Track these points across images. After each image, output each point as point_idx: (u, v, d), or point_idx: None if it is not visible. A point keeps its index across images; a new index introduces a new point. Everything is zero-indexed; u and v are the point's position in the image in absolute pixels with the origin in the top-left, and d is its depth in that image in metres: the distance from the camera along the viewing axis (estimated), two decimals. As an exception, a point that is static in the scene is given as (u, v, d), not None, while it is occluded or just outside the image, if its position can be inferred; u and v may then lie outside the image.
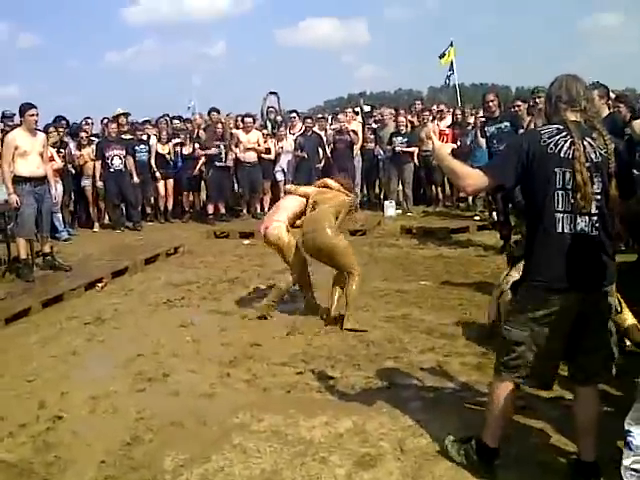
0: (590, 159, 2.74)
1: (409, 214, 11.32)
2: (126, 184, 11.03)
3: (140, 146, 11.44)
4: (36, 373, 4.59)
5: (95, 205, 11.46)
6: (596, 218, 2.75)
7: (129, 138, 11.48)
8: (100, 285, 7.10)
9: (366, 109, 14.54)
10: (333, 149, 11.95)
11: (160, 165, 11.65)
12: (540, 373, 2.90)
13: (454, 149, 3.14)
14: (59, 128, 10.62)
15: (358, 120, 13.23)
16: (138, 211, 11.46)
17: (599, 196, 2.75)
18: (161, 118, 12.52)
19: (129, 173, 11.08)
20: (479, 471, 3.03)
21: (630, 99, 8.18)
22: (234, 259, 8.46)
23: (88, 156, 11.10)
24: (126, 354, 4.94)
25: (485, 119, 8.67)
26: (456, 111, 12.45)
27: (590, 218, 2.75)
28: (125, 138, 11.40)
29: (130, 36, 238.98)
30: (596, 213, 2.75)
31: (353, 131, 12.07)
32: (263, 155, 11.79)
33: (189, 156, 11.71)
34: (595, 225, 2.76)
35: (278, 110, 13.97)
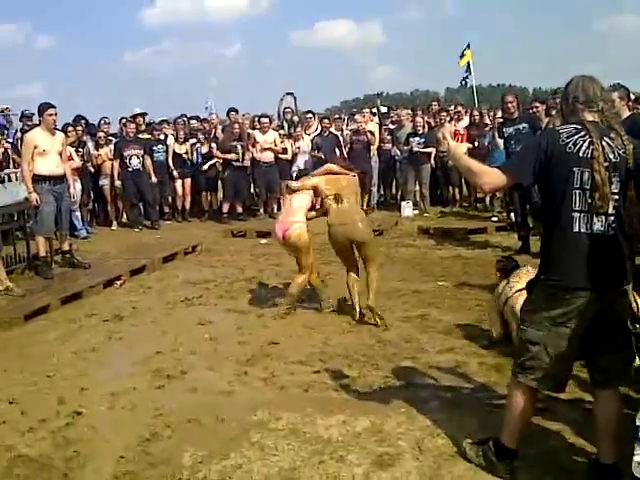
0: (608, 159, 2.74)
1: (426, 215, 11.26)
2: (144, 183, 11.06)
3: (158, 146, 11.46)
4: (56, 369, 4.64)
5: (113, 204, 11.51)
6: (613, 218, 2.74)
7: (147, 138, 11.53)
8: (119, 283, 7.15)
9: (383, 110, 14.51)
10: (350, 149, 11.90)
11: (177, 165, 11.70)
12: (554, 374, 2.87)
13: (471, 149, 3.13)
14: (77, 127, 10.72)
15: (375, 121, 13.20)
16: (156, 210, 11.49)
17: (617, 196, 2.75)
18: (179, 118, 12.59)
19: (147, 173, 11.11)
20: (497, 472, 3.01)
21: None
22: (251, 258, 8.48)
23: (106, 155, 11.16)
24: (144, 351, 4.97)
25: (503, 120, 8.61)
26: (474, 112, 12.39)
27: (607, 218, 2.74)
28: (143, 138, 11.45)
29: (148, 37, 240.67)
30: (613, 213, 2.74)
31: (370, 132, 12.04)
32: (280, 155, 11.80)
33: (206, 155, 11.75)
34: (612, 225, 2.74)
35: (295, 111, 13.99)
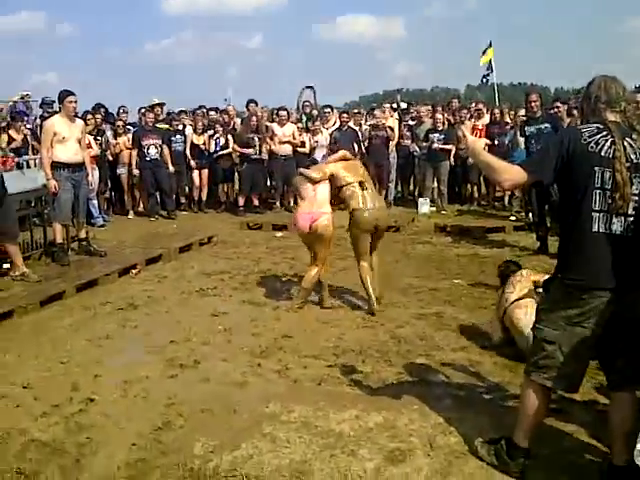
0: (630, 159, 2.72)
1: (443, 212, 11.17)
2: (162, 173, 11.08)
3: (176, 136, 11.47)
4: (70, 356, 4.66)
5: (130, 193, 11.56)
6: (632, 219, 2.72)
7: (165, 128, 11.55)
8: (134, 272, 7.17)
9: (403, 106, 14.44)
10: (369, 144, 11.85)
11: (195, 155, 11.71)
12: (568, 374, 2.86)
13: (491, 146, 3.11)
14: (96, 115, 10.76)
15: (395, 116, 13.14)
16: (172, 200, 11.51)
17: (637, 197, 2.73)
18: (198, 109, 12.59)
19: (164, 162, 11.13)
20: (509, 471, 2.99)
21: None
22: (266, 251, 8.47)
23: (124, 144, 11.21)
24: (158, 340, 4.98)
25: (526, 119, 8.54)
26: (494, 110, 12.29)
27: (626, 219, 2.72)
28: (161, 128, 11.46)
29: (169, 27, 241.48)
30: (632, 214, 2.72)
31: (389, 127, 11.99)
32: (298, 148, 11.77)
33: (224, 146, 11.74)
34: (631, 226, 2.72)
35: (314, 104, 13.95)
